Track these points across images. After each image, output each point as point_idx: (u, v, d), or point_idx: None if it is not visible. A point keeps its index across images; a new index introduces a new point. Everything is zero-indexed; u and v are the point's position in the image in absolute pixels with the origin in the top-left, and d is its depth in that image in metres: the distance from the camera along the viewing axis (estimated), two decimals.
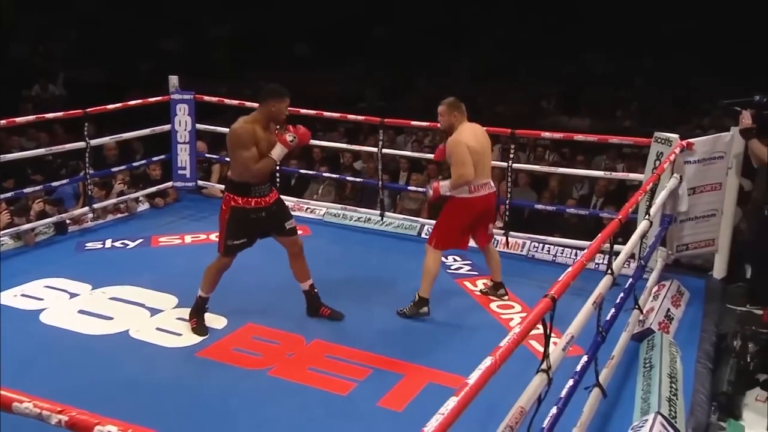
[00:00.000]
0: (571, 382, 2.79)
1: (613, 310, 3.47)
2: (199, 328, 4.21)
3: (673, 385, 3.64)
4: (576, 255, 5.53)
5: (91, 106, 5.72)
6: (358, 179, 7.07)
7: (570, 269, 2.51)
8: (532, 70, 13.81)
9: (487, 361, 1.83)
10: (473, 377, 1.72)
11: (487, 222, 4.59)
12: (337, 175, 7.11)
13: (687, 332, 4.39)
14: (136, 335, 4.12)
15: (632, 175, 5.70)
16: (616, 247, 3.39)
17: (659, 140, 4.88)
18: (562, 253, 5.55)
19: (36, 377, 3.58)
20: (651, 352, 3.98)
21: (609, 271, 3.15)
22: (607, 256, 3.22)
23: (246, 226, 4.15)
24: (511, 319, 4.50)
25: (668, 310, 4.51)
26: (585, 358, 2.98)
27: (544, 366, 2.31)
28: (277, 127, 4.13)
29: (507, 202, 5.68)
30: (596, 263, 5.28)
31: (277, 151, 4.06)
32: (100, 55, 13.58)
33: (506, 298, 4.74)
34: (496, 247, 5.68)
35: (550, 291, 2.32)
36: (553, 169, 6.48)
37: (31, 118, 5.46)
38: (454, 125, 4.33)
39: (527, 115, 12.08)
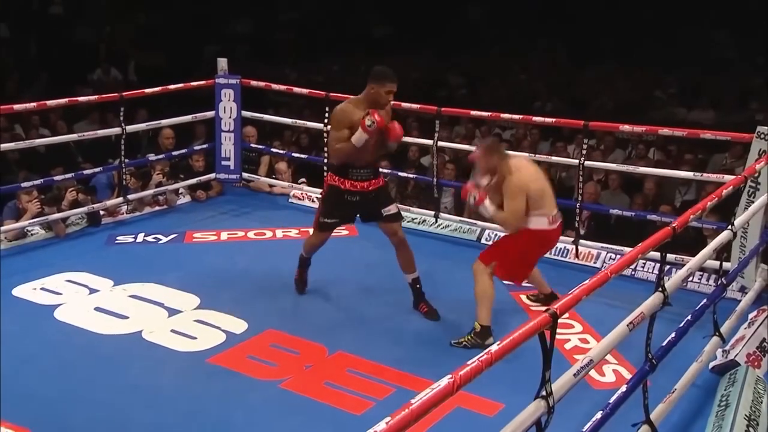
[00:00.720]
0: (599, 416, 2.67)
1: (673, 335, 3.31)
2: (299, 281, 4.84)
3: (751, 429, 3.42)
4: (644, 267, 5.32)
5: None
6: (421, 177, 7.01)
7: (587, 281, 2.40)
8: (647, 54, 13.27)
9: (443, 381, 1.77)
10: (417, 400, 1.68)
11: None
12: (389, 171, 7.08)
13: None
14: (148, 336, 4.27)
15: (729, 177, 5.38)
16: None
17: (762, 135, 4.60)
18: (643, 267, 5.33)
19: (31, 377, 3.76)
20: (730, 389, 3.75)
21: (660, 288, 3.00)
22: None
23: (339, 206, 4.56)
24: (568, 340, 4.36)
25: (764, 339, 4.23)
26: (623, 389, 2.85)
27: (543, 392, 2.22)
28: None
29: (578, 205, 5.50)
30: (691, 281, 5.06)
31: (356, 136, 4.32)
32: (164, 38, 14.13)
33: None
34: (566, 257, 5.58)
35: (553, 305, 2.23)
36: (619, 167, 6.30)
37: (62, 101, 5.74)
38: (497, 168, 4.26)
39: (637, 106, 11.67)
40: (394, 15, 15.53)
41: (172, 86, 6.38)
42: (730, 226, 3.76)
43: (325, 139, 5.91)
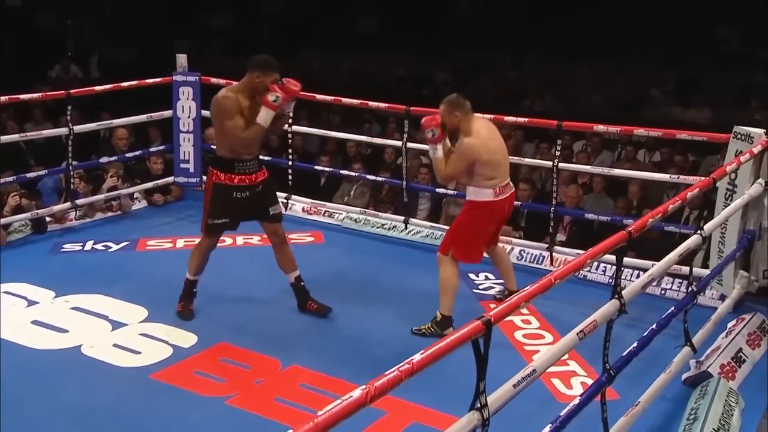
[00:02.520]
0: (547, 430, 2.70)
1: (635, 344, 3.35)
2: (185, 312, 4.64)
3: None
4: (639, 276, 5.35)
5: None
6: (391, 180, 7.04)
7: (528, 287, 2.43)
8: (646, 49, 13.35)
9: (356, 393, 1.80)
10: (324, 412, 1.70)
11: (502, 225, 4.73)
12: (357, 173, 7.14)
13: (761, 379, 4.15)
14: (88, 351, 4.28)
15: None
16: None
17: (739, 136, 4.65)
18: (632, 274, 5.35)
19: None
20: (700, 402, 3.79)
21: (616, 295, 3.04)
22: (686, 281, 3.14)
23: (228, 205, 4.48)
24: (536, 351, 4.39)
25: (740, 350, 4.29)
26: (576, 402, 2.88)
27: (477, 404, 2.25)
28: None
29: (552, 209, 5.55)
30: (670, 289, 5.11)
31: (263, 115, 4.33)
32: (134, 31, 14.13)
33: (526, 312, 4.68)
34: (541, 264, 5.62)
35: (488, 313, 2.26)
36: (586, 169, 6.44)
37: (2, 99, 5.75)
38: (460, 126, 4.40)
39: (630, 104, 11.75)
40: (380, 7, 15.59)
41: (125, 83, 6.40)
42: (699, 231, 3.80)
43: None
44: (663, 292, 5.16)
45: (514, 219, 6.60)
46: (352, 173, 7.28)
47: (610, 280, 5.29)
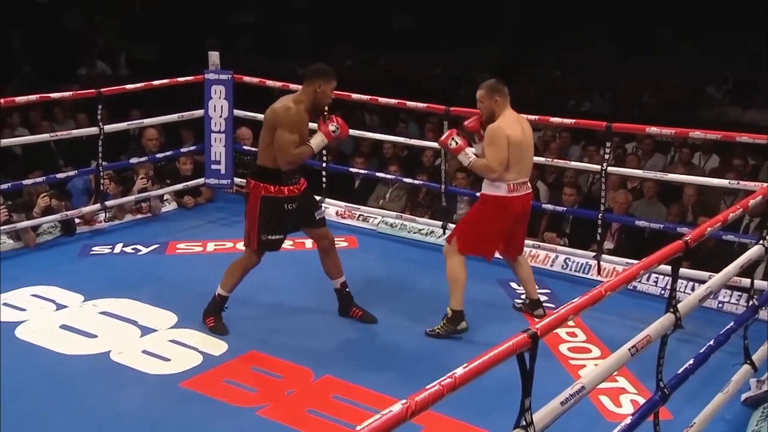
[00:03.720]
0: None
1: (691, 361, 3.30)
2: (218, 326, 4.59)
3: None
4: (694, 289, 5.26)
5: None
6: (429, 184, 7.00)
7: (577, 299, 2.40)
8: (700, 46, 13.15)
9: (396, 407, 1.79)
10: (363, 427, 1.69)
11: (522, 228, 4.76)
12: (393, 176, 7.13)
13: None
14: (117, 358, 4.32)
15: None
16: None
17: None
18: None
19: None
20: (762, 425, 3.73)
21: (671, 309, 3.00)
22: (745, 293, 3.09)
23: (280, 219, 4.49)
24: (583, 366, 4.35)
25: None
26: (627, 421, 2.84)
27: (522, 421, 2.23)
28: (325, 111, 4.47)
29: (600, 216, 5.49)
30: (728, 302, 5.03)
31: (317, 140, 4.47)
32: (161, 29, 14.30)
33: (572, 324, 4.65)
34: (588, 274, 5.56)
35: (534, 325, 2.24)
36: (638, 173, 6.31)
37: (32, 98, 5.84)
38: (496, 112, 4.48)
39: (685, 105, 11.59)
40: (414, 3, 15.58)
41: (156, 82, 6.47)
42: (762, 240, 3.73)
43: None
44: (720, 305, 5.09)
45: (558, 225, 6.56)
46: (388, 176, 7.27)
47: (662, 292, 5.24)
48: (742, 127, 7.59)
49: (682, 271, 4.69)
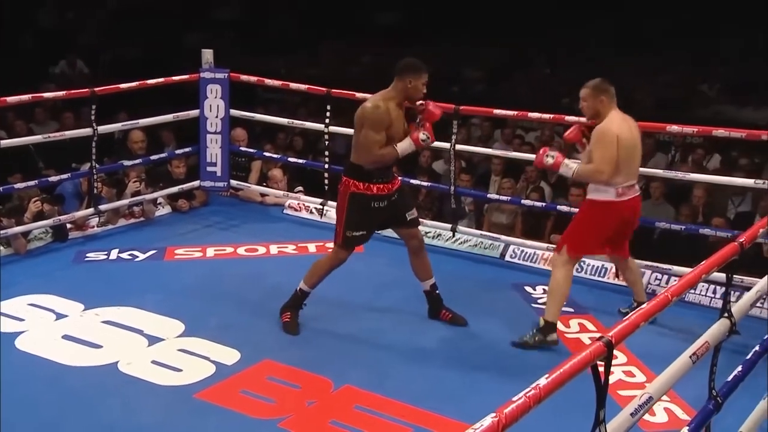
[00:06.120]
0: None
1: (739, 368, 3.28)
2: (292, 324, 4.65)
3: None
4: (715, 293, 5.29)
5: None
6: (436, 185, 6.97)
7: (645, 305, 2.37)
8: (693, 44, 13.21)
9: (486, 421, 1.74)
10: None
11: (630, 231, 4.73)
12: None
13: None
14: (125, 369, 4.23)
15: None
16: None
17: None
18: (694, 290, 5.29)
19: None
20: None
21: (726, 314, 2.98)
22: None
23: (365, 216, 4.56)
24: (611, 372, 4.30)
25: None
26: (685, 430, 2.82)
27: None
28: (419, 114, 4.50)
29: None
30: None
31: (404, 146, 4.50)
32: (139, 25, 14.14)
33: None
34: (604, 277, 5.56)
35: (608, 332, 2.20)
36: (657, 172, 6.31)
37: (25, 97, 5.72)
38: (601, 112, 4.43)
39: (678, 103, 11.69)
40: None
41: (151, 81, 6.37)
42: None
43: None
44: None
45: (564, 227, 6.50)
46: None
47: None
48: (741, 126, 7.62)
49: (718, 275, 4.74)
